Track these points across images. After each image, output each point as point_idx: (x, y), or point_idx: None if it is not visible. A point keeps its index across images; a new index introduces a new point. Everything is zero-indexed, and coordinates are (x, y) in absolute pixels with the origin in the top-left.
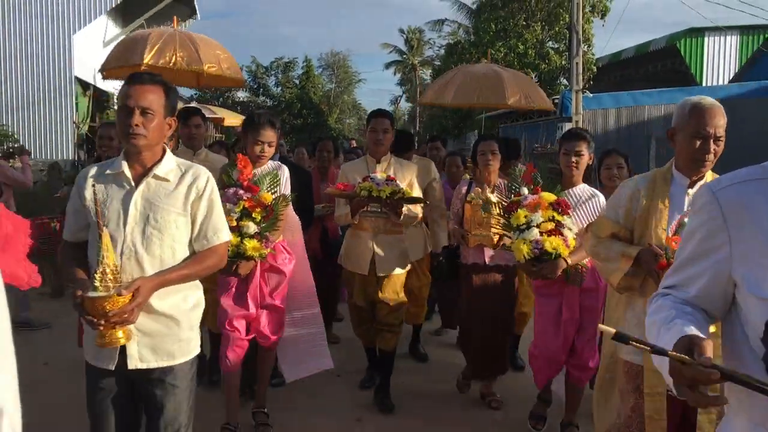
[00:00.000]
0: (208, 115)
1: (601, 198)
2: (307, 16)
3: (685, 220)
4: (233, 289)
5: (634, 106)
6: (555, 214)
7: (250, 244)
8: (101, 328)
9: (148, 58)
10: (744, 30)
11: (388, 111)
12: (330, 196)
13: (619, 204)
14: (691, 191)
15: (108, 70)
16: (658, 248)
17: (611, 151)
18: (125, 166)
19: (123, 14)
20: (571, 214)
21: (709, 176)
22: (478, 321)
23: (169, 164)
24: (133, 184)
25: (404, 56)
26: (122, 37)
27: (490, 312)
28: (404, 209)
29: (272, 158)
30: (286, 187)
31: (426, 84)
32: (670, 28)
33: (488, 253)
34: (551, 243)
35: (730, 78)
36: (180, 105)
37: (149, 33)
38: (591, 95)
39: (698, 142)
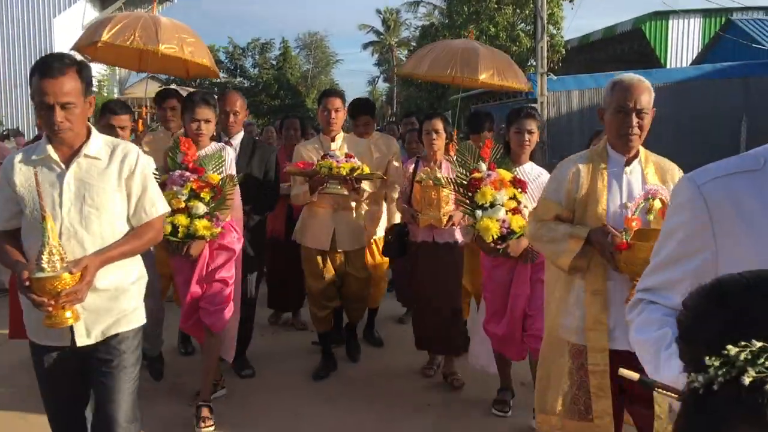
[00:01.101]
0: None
1: (546, 176)
2: None
3: (648, 200)
4: (184, 267)
5: (595, 87)
6: (516, 192)
7: (201, 224)
8: (50, 309)
9: (106, 36)
10: (706, 13)
11: (339, 90)
12: (289, 174)
13: (560, 186)
14: (628, 169)
15: (78, 48)
16: (613, 228)
17: (600, 131)
18: (51, 150)
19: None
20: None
21: (643, 153)
22: (427, 298)
23: (97, 142)
24: (63, 166)
25: (381, 37)
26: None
27: (440, 289)
28: (365, 186)
29: (234, 136)
30: (231, 167)
31: (403, 64)
32: (639, 8)
33: (437, 230)
34: (517, 221)
35: (691, 60)
36: (157, 87)
37: (117, 15)
38: (555, 78)
39: (621, 117)
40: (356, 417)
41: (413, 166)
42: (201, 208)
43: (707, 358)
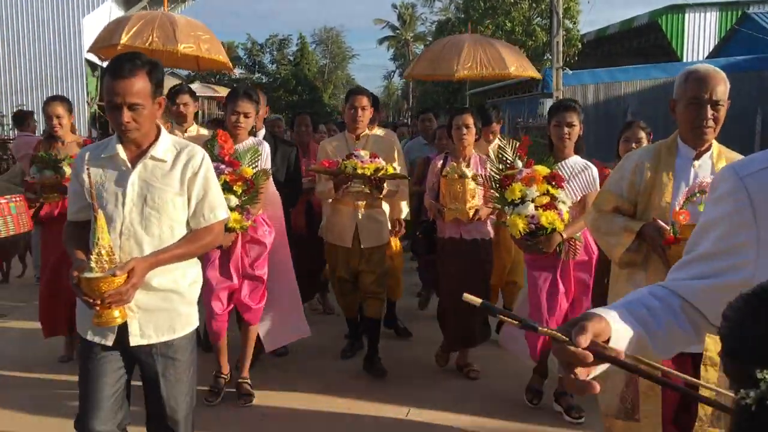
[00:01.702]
0: (210, 93)
1: (594, 170)
2: None
3: (696, 192)
4: (216, 261)
5: (610, 81)
6: (549, 188)
7: (232, 217)
8: (97, 308)
9: (125, 39)
10: (723, 6)
11: (365, 88)
12: (314, 172)
13: (622, 177)
14: (697, 163)
15: (95, 50)
16: (663, 223)
17: (633, 123)
18: (120, 149)
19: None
20: (564, 187)
21: (716, 147)
22: (454, 295)
23: (165, 144)
24: (129, 165)
25: (397, 32)
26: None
27: (467, 286)
28: (385, 184)
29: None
30: (266, 162)
31: None
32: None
33: (464, 227)
34: (547, 217)
35: (708, 53)
36: (174, 82)
37: (133, 15)
38: (571, 72)
39: (695, 109)
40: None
41: (441, 161)
42: (233, 200)
43: (758, 371)
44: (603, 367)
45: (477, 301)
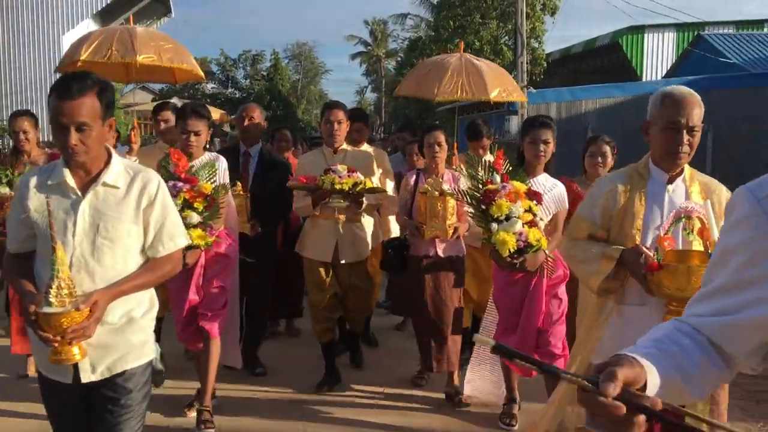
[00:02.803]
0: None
1: (562, 188)
2: (271, 6)
3: (682, 218)
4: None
5: (572, 100)
6: (531, 205)
7: (195, 233)
8: (56, 345)
9: (84, 55)
10: (679, 27)
11: (341, 102)
12: (292, 188)
13: (594, 203)
14: (670, 187)
15: (60, 68)
16: (646, 248)
17: (597, 137)
18: (68, 175)
19: (104, 17)
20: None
21: (687, 170)
22: (430, 314)
23: (117, 169)
24: (79, 193)
25: (369, 47)
26: None
27: (442, 304)
28: (364, 199)
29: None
30: (224, 176)
31: (391, 75)
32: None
33: (440, 245)
34: (534, 234)
35: (665, 73)
36: (148, 96)
37: (94, 31)
38: (534, 91)
39: (672, 134)
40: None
41: (414, 178)
42: (194, 217)
43: None
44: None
45: (490, 342)
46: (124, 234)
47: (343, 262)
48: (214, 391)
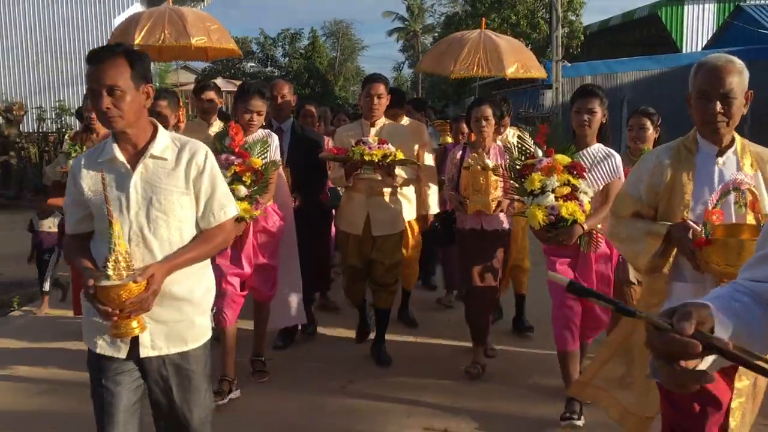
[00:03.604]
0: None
1: (617, 158)
2: None
3: (731, 190)
4: (228, 251)
5: (607, 73)
6: (570, 178)
7: (241, 206)
8: (116, 318)
9: (138, 38)
10: None
11: (383, 76)
12: (324, 159)
13: (640, 179)
14: (720, 160)
15: None
16: (694, 223)
17: (637, 111)
18: (116, 150)
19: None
20: (586, 176)
21: (739, 142)
22: (479, 285)
23: (164, 141)
24: (128, 167)
25: (406, 23)
26: None
27: (488, 276)
28: (399, 171)
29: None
30: (275, 153)
31: (429, 50)
32: None
33: (485, 218)
34: (567, 208)
35: (704, 45)
36: (188, 77)
37: (142, 14)
38: (569, 65)
39: (703, 103)
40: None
41: (460, 152)
42: (242, 190)
43: None
44: (708, 360)
45: (564, 280)
46: (177, 205)
47: (374, 235)
48: (236, 383)
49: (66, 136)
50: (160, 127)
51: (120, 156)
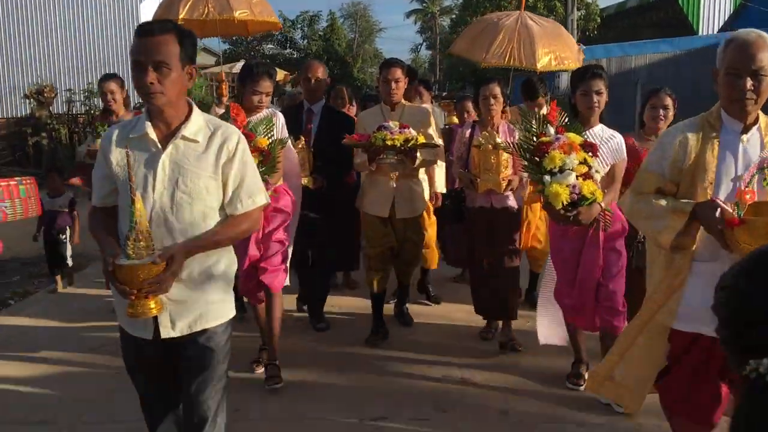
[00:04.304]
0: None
1: (620, 138)
2: None
3: (765, 168)
4: None
5: (622, 56)
6: (587, 157)
7: None
8: (133, 297)
9: (183, 13)
10: None
11: (400, 60)
12: (347, 145)
13: (664, 155)
14: (745, 137)
15: None
16: (723, 202)
17: (658, 90)
18: (149, 128)
19: None
20: (599, 155)
21: (763, 119)
22: (485, 264)
23: (197, 123)
24: (159, 146)
25: (424, 4)
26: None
27: (498, 254)
28: (419, 154)
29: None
30: (282, 132)
31: (445, 32)
32: None
33: (495, 196)
34: (588, 187)
35: (720, 28)
36: (211, 60)
37: None
38: (584, 47)
39: (732, 80)
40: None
41: (469, 131)
42: None
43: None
44: None
45: None
46: (203, 189)
47: (399, 217)
48: (279, 377)
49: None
50: (195, 109)
51: (152, 134)
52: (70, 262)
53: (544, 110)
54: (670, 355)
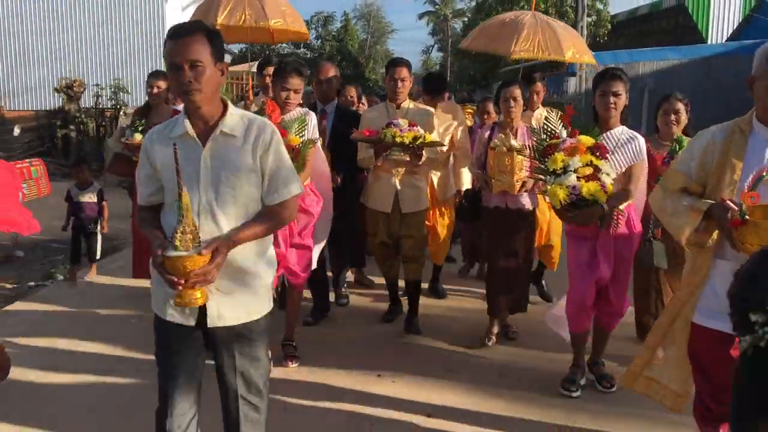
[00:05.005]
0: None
1: (641, 140)
2: None
3: (765, 174)
4: None
5: (629, 62)
6: (593, 159)
7: None
8: (180, 288)
9: (221, 19)
10: None
11: (406, 59)
12: (355, 140)
13: (692, 156)
14: None
15: None
16: (733, 203)
17: (670, 95)
18: (188, 126)
19: None
20: (609, 158)
21: None
22: (500, 262)
23: (234, 118)
24: (199, 143)
25: (437, 7)
26: (194, 3)
27: (512, 253)
28: (425, 152)
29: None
30: (313, 132)
31: (457, 35)
32: None
33: (510, 197)
34: (588, 188)
35: (728, 36)
36: (227, 60)
37: None
38: (593, 53)
39: None
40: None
41: (489, 132)
42: None
43: (752, 314)
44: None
45: None
46: (245, 182)
47: (403, 212)
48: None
49: (122, 112)
50: (230, 105)
51: (191, 131)
52: (98, 254)
53: (542, 109)
54: (689, 350)
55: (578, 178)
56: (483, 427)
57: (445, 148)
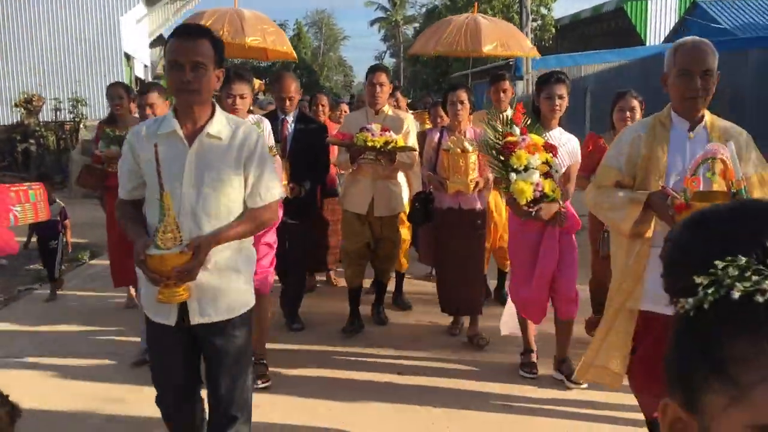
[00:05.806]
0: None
1: (575, 142)
2: None
3: (709, 159)
4: None
5: (572, 65)
6: (548, 157)
7: None
8: (162, 285)
9: None
10: None
11: (385, 66)
12: (330, 143)
13: (620, 151)
14: (692, 134)
15: None
16: (673, 190)
17: (626, 93)
18: (176, 125)
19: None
20: (558, 156)
21: (708, 117)
22: (452, 262)
23: (221, 121)
24: (186, 143)
25: (388, 13)
26: (147, 16)
27: (464, 253)
28: (398, 157)
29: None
30: (269, 139)
31: (409, 40)
32: None
33: (463, 197)
34: (549, 185)
35: (664, 39)
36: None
37: (206, 11)
38: (538, 57)
39: (685, 80)
40: (381, 379)
41: (438, 135)
42: None
43: (695, 277)
44: None
45: None
46: (227, 184)
47: (377, 215)
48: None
49: (81, 125)
50: (218, 108)
51: (179, 131)
52: (57, 273)
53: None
54: (635, 335)
55: (539, 175)
56: None
57: (416, 153)
